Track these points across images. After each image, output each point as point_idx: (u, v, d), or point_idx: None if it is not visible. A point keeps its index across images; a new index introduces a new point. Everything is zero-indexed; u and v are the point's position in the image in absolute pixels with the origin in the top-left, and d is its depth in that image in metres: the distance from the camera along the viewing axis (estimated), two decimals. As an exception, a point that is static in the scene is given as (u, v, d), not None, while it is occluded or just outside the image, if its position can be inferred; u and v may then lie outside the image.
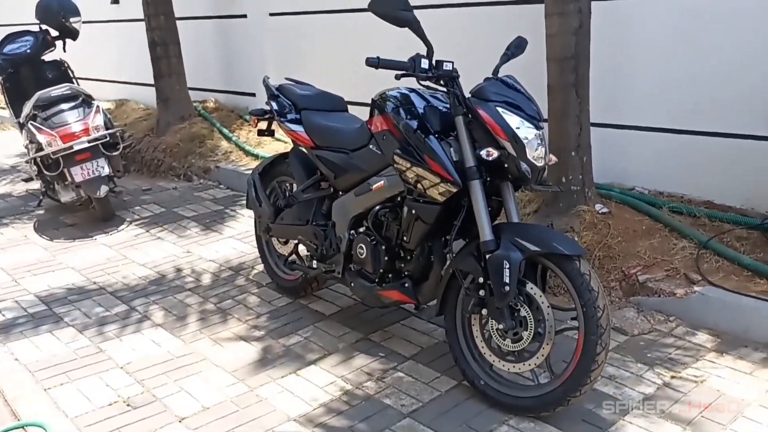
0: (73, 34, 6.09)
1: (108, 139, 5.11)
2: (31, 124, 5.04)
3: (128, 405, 2.89)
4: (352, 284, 3.20)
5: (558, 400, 2.53)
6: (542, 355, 2.55)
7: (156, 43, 6.85)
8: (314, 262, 3.40)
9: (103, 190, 5.11)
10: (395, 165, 2.83)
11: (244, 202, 5.51)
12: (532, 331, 2.55)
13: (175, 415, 2.80)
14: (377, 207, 3.00)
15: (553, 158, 2.76)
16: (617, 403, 2.68)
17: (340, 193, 3.28)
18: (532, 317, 2.55)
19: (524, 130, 2.56)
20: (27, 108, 5.19)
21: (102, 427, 2.75)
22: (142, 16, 7.00)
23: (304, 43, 6.44)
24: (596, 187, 3.94)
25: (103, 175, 5.09)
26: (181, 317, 3.67)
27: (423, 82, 2.70)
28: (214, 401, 2.88)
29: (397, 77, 2.64)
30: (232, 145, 6.59)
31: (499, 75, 2.80)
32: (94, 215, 5.40)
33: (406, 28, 2.61)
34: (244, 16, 6.82)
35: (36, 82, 5.80)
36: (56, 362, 3.26)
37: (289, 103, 3.53)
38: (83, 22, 6.08)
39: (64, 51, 6.13)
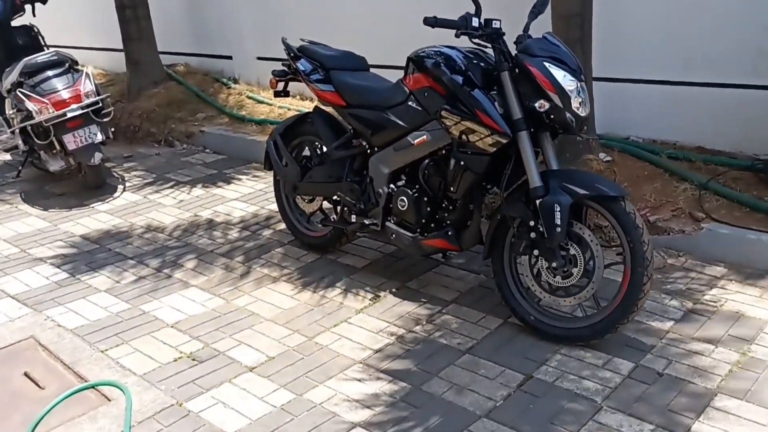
0: (42, -2, 5.91)
1: (100, 104, 5.06)
2: (19, 91, 4.92)
3: (194, 360, 3.00)
4: (393, 236, 3.37)
5: (607, 327, 2.80)
6: (593, 289, 2.81)
7: (124, 6, 6.72)
8: (353, 216, 3.53)
9: (98, 157, 5.07)
10: (443, 119, 2.99)
11: (237, 165, 5.63)
12: (582, 268, 2.80)
13: (244, 365, 2.93)
14: (423, 160, 3.17)
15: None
16: (651, 329, 2.97)
17: (376, 149, 3.42)
18: (581, 254, 2.79)
19: (569, 82, 2.76)
20: (12, 75, 5.06)
21: (175, 380, 2.85)
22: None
23: (284, 5, 6.43)
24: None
25: (96, 141, 5.04)
26: (212, 277, 3.76)
27: (474, 40, 2.87)
28: (277, 351, 3.03)
29: (457, 35, 2.80)
30: (212, 109, 6.57)
31: (529, 31, 3.00)
32: (82, 183, 5.34)
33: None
34: (219, -24, 6.74)
35: (5, 48, 5.62)
36: (102, 326, 3.31)
37: (316, 63, 3.62)
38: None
39: (34, 15, 5.95)
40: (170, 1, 7.32)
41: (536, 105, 2.76)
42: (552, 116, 2.79)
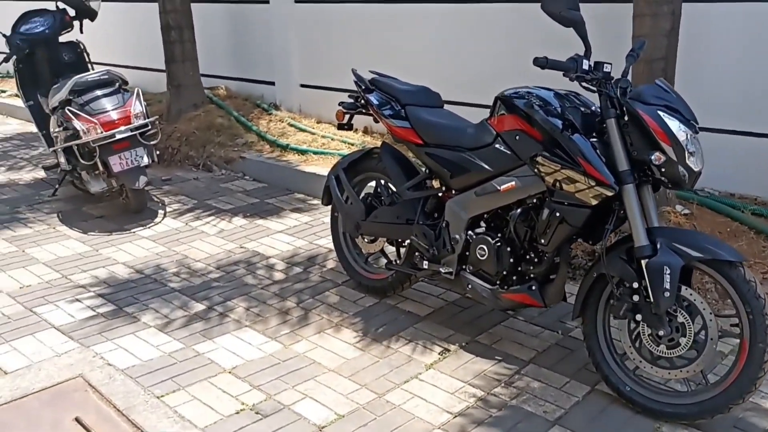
0: (92, 15, 5.79)
1: (149, 127, 4.89)
2: (68, 109, 4.75)
3: (257, 413, 2.76)
4: (469, 286, 3.14)
5: (718, 407, 2.53)
6: (703, 362, 2.55)
7: (170, 27, 6.59)
8: (424, 262, 3.30)
9: (143, 180, 4.88)
10: (538, 166, 2.78)
11: (278, 195, 5.43)
12: (691, 338, 2.55)
13: (312, 423, 2.69)
14: (508, 208, 2.95)
15: None
16: (760, 408, 2.71)
17: (453, 192, 3.21)
18: (691, 323, 2.55)
19: (684, 134, 2.55)
20: (61, 93, 4.88)
21: (239, 437, 2.62)
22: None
23: (333, 33, 6.29)
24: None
25: (142, 165, 4.86)
26: (266, 317, 3.54)
27: (583, 84, 2.67)
28: (346, 409, 2.78)
29: (571, 79, 2.60)
30: (252, 135, 6.39)
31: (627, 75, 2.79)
32: (122, 206, 5.16)
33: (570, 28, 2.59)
34: (266, 1, 6.60)
35: (51, 64, 5.51)
36: (155, 367, 3.08)
37: (390, 97, 3.43)
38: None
39: (81, 32, 5.82)
40: (213, 24, 7.21)
41: (652, 158, 2.54)
42: (663, 170, 2.57)
